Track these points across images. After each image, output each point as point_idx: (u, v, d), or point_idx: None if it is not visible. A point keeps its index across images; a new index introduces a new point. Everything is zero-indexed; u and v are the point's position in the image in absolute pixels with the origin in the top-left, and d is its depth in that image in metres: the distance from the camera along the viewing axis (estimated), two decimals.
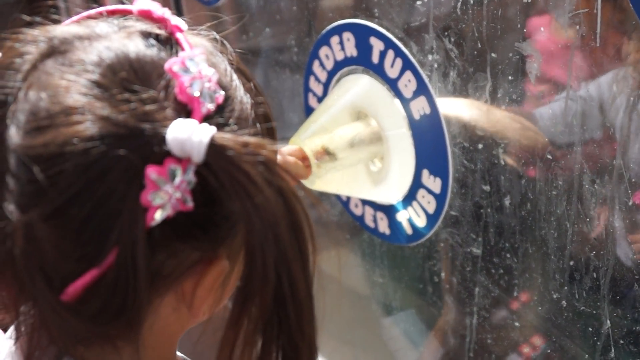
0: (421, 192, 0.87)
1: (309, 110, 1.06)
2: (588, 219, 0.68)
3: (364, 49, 0.89)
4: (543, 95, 0.70)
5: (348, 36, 0.91)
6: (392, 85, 0.86)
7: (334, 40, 0.94)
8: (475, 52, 0.76)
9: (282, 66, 1.21)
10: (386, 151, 0.89)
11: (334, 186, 0.94)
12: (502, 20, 0.71)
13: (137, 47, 0.41)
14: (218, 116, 0.41)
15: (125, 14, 0.45)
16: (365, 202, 1.00)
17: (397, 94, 0.86)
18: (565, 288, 0.74)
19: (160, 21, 0.44)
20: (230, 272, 0.45)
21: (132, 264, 0.37)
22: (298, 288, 0.39)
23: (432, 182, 0.85)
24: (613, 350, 0.70)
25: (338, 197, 1.07)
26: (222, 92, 0.42)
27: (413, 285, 1.05)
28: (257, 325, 0.40)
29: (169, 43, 0.43)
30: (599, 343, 0.72)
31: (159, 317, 0.44)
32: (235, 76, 0.46)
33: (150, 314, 0.43)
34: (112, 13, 0.45)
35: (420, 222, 0.90)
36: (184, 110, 0.40)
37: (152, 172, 0.36)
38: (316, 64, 1.00)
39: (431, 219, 0.87)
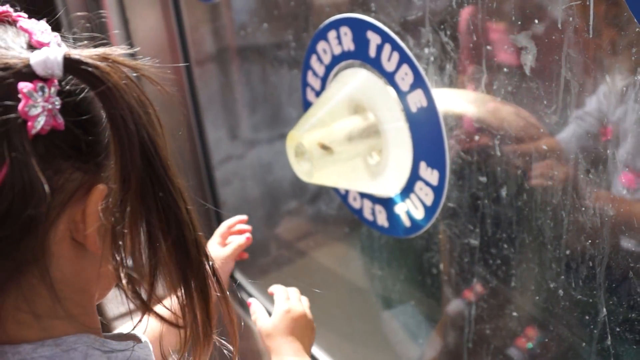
0: (419, 185, 0.88)
1: (307, 105, 1.06)
2: (583, 209, 0.69)
3: (361, 43, 0.90)
4: (538, 87, 0.71)
5: (345, 31, 0.92)
6: (389, 78, 0.87)
7: (332, 34, 0.95)
8: (471, 45, 0.76)
9: (280, 61, 1.21)
10: (384, 144, 0.90)
11: (333, 179, 0.94)
12: (497, 14, 0.72)
13: None
14: None
15: None
16: (363, 195, 1.00)
17: (394, 87, 0.86)
18: (562, 277, 0.75)
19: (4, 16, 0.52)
20: (110, 197, 0.51)
21: (26, 170, 0.44)
22: (159, 145, 0.49)
23: (430, 174, 0.85)
24: (609, 337, 0.71)
25: (336, 190, 1.08)
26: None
27: (412, 278, 1.06)
28: (136, 193, 0.48)
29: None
30: (595, 331, 0.73)
31: (64, 259, 0.50)
32: None
33: (53, 251, 0.49)
34: None
35: (419, 214, 0.90)
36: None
37: (24, 86, 0.45)
38: (314, 58, 1.00)
39: (429, 210, 0.88)
